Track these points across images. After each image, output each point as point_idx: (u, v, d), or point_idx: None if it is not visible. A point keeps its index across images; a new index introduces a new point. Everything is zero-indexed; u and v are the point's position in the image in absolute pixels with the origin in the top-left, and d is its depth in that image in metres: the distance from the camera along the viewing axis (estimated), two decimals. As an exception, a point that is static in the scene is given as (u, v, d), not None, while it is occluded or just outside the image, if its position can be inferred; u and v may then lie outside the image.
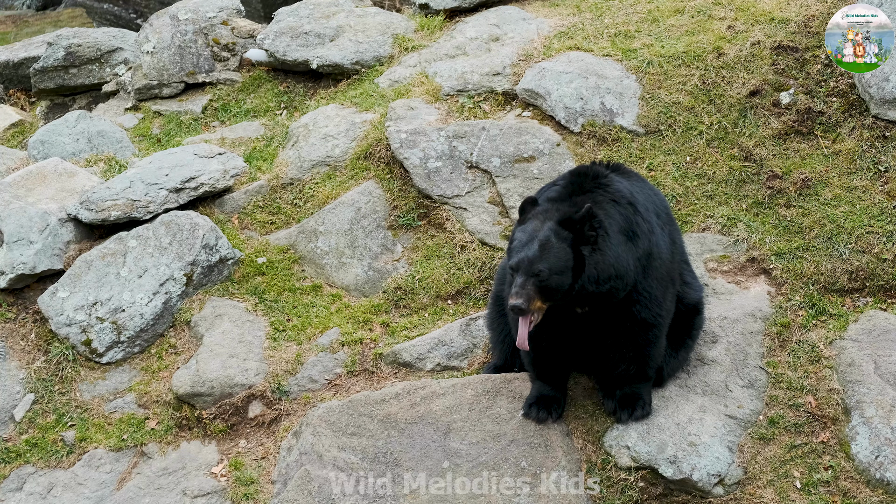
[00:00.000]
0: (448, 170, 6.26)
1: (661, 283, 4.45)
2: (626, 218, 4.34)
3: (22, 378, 5.66)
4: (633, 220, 4.36)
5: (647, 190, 4.68)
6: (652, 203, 4.57)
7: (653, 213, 4.52)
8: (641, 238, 4.35)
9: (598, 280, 4.21)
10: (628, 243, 4.30)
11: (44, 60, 8.72)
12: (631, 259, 4.29)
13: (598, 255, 4.20)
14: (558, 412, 4.72)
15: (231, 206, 6.54)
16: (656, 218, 4.53)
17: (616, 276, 4.24)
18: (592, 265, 4.19)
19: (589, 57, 6.76)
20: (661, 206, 4.67)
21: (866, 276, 5.32)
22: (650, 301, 4.40)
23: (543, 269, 4.16)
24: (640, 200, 4.47)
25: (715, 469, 4.54)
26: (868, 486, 4.52)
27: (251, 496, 4.96)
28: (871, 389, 4.75)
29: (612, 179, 4.50)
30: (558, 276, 4.18)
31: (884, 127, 5.87)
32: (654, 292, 4.41)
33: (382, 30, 7.94)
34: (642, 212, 4.42)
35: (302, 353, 5.55)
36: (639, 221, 4.37)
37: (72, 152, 7.26)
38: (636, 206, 4.40)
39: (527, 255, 4.18)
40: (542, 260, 4.17)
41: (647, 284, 4.38)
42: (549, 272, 4.17)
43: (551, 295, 4.21)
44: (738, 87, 6.29)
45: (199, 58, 8.30)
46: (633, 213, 4.37)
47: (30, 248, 5.97)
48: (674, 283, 4.61)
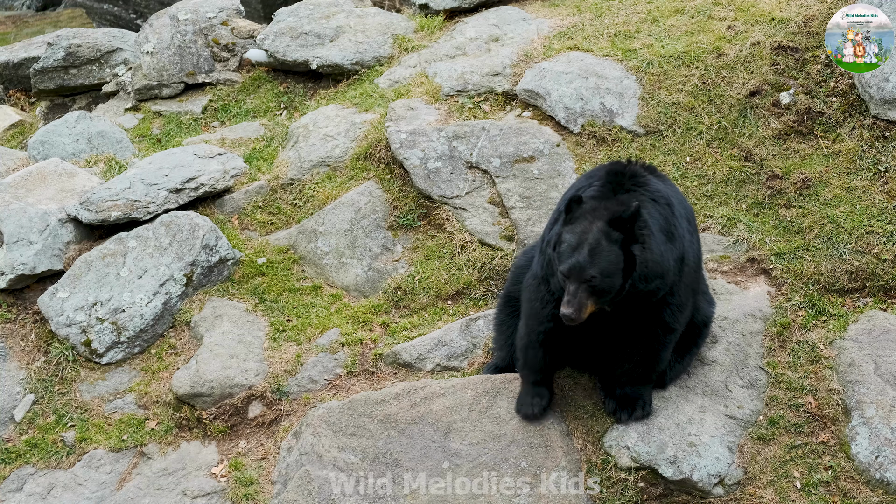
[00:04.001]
0: (448, 170, 6.26)
1: (688, 288, 4.45)
2: (665, 218, 4.32)
3: (22, 378, 5.66)
4: (671, 221, 4.33)
5: (679, 194, 4.66)
6: (683, 207, 4.55)
7: (683, 219, 4.49)
8: (678, 240, 4.34)
9: (646, 278, 4.19)
10: (668, 243, 4.28)
11: (44, 61, 8.73)
12: (671, 258, 4.27)
13: (647, 254, 4.17)
14: (541, 406, 4.72)
15: (231, 206, 6.54)
16: (688, 223, 4.51)
17: (661, 274, 4.22)
18: (643, 264, 4.16)
19: (589, 57, 6.76)
20: (689, 212, 4.64)
21: (866, 276, 5.32)
22: (679, 306, 4.39)
23: (595, 275, 4.12)
24: (676, 202, 4.46)
25: (715, 469, 4.54)
26: (868, 486, 4.52)
27: (251, 496, 4.96)
28: (871, 390, 4.75)
29: (650, 179, 4.46)
30: (609, 278, 4.14)
31: (884, 127, 5.87)
32: (683, 297, 4.41)
33: (382, 30, 7.94)
34: (677, 214, 4.40)
35: (302, 353, 5.55)
36: (675, 223, 4.35)
37: (72, 153, 7.27)
38: (672, 207, 4.38)
39: (578, 261, 4.12)
40: (594, 265, 4.12)
41: (680, 287, 4.37)
42: (600, 277, 4.12)
43: (602, 297, 4.19)
44: (737, 88, 6.29)
45: (199, 58, 8.30)
46: (670, 214, 4.35)
47: (30, 249, 5.97)
48: (695, 291, 4.59)
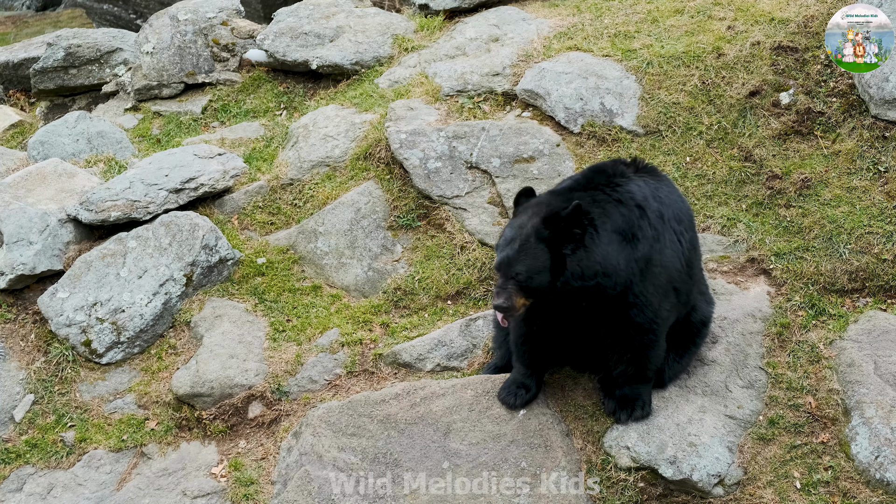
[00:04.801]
0: (448, 170, 6.26)
1: (659, 289, 4.41)
2: (627, 220, 4.30)
3: (22, 379, 5.66)
4: (636, 224, 4.31)
5: (673, 196, 4.60)
6: (674, 209, 4.51)
7: (672, 220, 4.46)
8: (642, 242, 4.31)
9: (582, 276, 4.20)
10: (623, 244, 4.27)
11: (43, 61, 8.73)
12: (622, 260, 4.25)
13: (581, 253, 4.18)
14: (523, 398, 4.74)
15: (231, 206, 6.54)
16: (677, 224, 4.48)
17: (603, 273, 4.22)
18: (575, 263, 4.18)
19: (589, 57, 6.76)
20: (684, 213, 4.61)
21: (866, 276, 5.32)
22: (645, 306, 4.38)
23: (521, 272, 4.19)
24: (655, 206, 4.41)
25: (715, 469, 4.54)
26: (868, 486, 4.52)
27: (251, 497, 4.96)
28: (870, 390, 4.75)
29: (630, 180, 4.44)
30: (536, 276, 4.19)
31: (883, 127, 5.87)
32: (651, 298, 4.38)
33: (382, 30, 7.94)
34: (652, 217, 4.36)
35: (302, 353, 5.55)
36: (643, 226, 4.33)
37: (71, 153, 7.26)
38: (646, 210, 4.35)
39: (506, 256, 4.22)
40: (520, 261, 4.18)
41: (644, 289, 4.35)
42: (527, 273, 4.19)
43: (532, 293, 4.24)
44: (737, 88, 6.29)
45: (199, 58, 8.30)
46: (638, 216, 4.32)
47: (30, 249, 5.97)
48: (678, 290, 4.55)
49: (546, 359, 4.73)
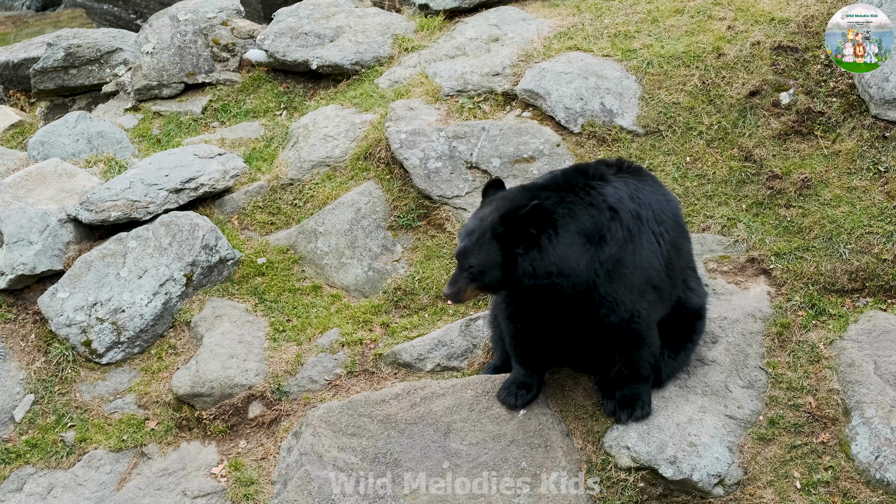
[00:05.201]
0: (448, 170, 6.26)
1: (631, 289, 4.38)
2: (596, 222, 4.29)
3: (22, 379, 5.66)
4: (604, 226, 4.29)
5: (656, 196, 4.56)
6: (655, 209, 4.48)
7: (652, 221, 4.44)
8: (610, 244, 4.29)
9: (534, 275, 4.23)
10: (587, 245, 4.26)
11: (43, 61, 8.73)
12: (583, 261, 4.25)
13: (535, 253, 4.20)
14: (524, 398, 4.75)
15: (231, 206, 6.54)
16: (657, 225, 4.46)
17: (558, 273, 4.23)
18: (527, 262, 4.21)
19: (589, 57, 6.76)
20: (667, 213, 4.57)
21: (866, 276, 5.32)
22: (616, 306, 4.36)
23: (474, 264, 4.24)
24: (631, 207, 4.38)
25: (715, 469, 4.54)
26: (868, 486, 4.52)
27: (251, 497, 4.96)
28: (871, 390, 4.75)
29: (607, 182, 4.41)
30: (489, 270, 4.24)
31: (884, 127, 5.87)
32: (621, 298, 4.35)
33: (382, 30, 7.94)
34: (625, 219, 4.33)
35: (302, 353, 5.55)
36: (613, 228, 4.31)
37: (72, 153, 7.27)
38: (618, 212, 4.32)
39: (463, 247, 4.27)
40: (474, 254, 4.23)
41: (612, 289, 4.33)
42: (478, 267, 4.24)
43: (485, 287, 4.32)
44: (737, 88, 6.29)
45: (199, 58, 8.30)
46: (609, 218, 4.31)
47: (30, 249, 5.97)
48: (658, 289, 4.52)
49: (541, 358, 4.72)
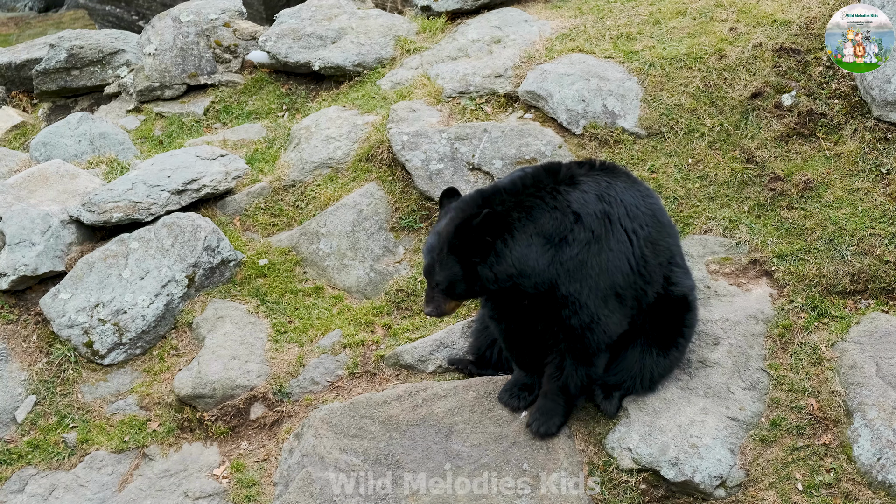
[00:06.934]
0: (450, 172, 6.26)
1: (595, 291, 4.39)
2: (558, 224, 4.31)
3: (24, 380, 5.67)
4: (567, 228, 4.32)
5: (630, 191, 4.53)
6: (628, 205, 4.46)
7: (624, 217, 4.43)
8: (572, 245, 4.31)
9: (496, 280, 4.30)
10: (546, 246, 4.29)
11: (46, 62, 8.74)
12: (543, 261, 4.28)
13: (492, 259, 4.26)
14: (527, 400, 4.77)
15: (233, 207, 6.54)
16: (630, 221, 4.44)
17: (518, 274, 4.28)
18: (487, 269, 4.27)
19: (591, 59, 6.76)
20: (642, 208, 4.53)
21: (868, 278, 5.32)
22: (580, 308, 4.38)
23: (441, 280, 4.33)
24: (599, 208, 4.38)
25: (717, 471, 4.54)
26: (870, 488, 4.51)
27: (253, 498, 4.96)
28: (872, 391, 4.75)
29: (574, 186, 4.40)
30: (457, 283, 4.32)
31: (885, 129, 5.87)
32: (585, 300, 4.37)
33: (384, 32, 7.95)
34: (589, 220, 4.34)
35: (304, 354, 5.56)
36: (577, 230, 4.32)
37: (74, 154, 7.27)
38: (582, 215, 4.34)
39: (428, 265, 4.36)
40: (437, 272, 4.32)
41: (574, 290, 4.35)
42: (446, 282, 4.32)
43: (458, 297, 4.40)
44: (739, 90, 6.29)
45: (201, 60, 8.31)
46: (572, 221, 4.33)
47: (32, 250, 5.97)
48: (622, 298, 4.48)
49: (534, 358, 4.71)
